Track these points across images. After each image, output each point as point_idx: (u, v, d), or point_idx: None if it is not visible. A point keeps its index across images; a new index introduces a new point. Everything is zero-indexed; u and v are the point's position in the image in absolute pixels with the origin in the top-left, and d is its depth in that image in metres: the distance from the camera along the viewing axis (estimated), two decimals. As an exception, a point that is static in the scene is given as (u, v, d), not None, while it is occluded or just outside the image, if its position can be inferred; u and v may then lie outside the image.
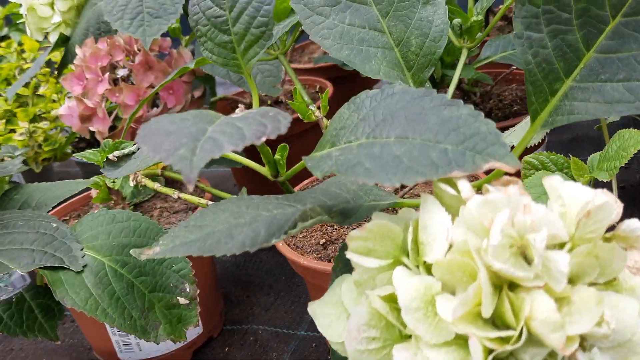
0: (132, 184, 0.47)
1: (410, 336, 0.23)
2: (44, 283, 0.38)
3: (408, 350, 0.22)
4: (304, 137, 0.62)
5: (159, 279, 0.41)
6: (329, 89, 0.74)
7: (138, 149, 0.40)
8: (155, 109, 0.54)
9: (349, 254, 0.24)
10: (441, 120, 0.24)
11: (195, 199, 0.45)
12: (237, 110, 0.25)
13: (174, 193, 0.46)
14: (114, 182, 0.48)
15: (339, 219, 0.27)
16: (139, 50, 0.54)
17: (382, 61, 0.30)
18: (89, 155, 0.48)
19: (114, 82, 0.54)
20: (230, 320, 0.58)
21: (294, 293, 0.60)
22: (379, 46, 0.31)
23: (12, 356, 0.61)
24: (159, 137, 0.21)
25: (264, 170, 0.34)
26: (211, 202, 0.45)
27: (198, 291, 0.41)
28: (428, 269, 0.22)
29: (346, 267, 0.34)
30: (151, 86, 0.54)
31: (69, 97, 0.56)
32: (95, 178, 0.50)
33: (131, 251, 0.28)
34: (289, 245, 0.44)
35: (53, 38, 0.62)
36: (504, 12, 0.45)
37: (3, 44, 0.88)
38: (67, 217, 0.56)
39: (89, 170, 0.84)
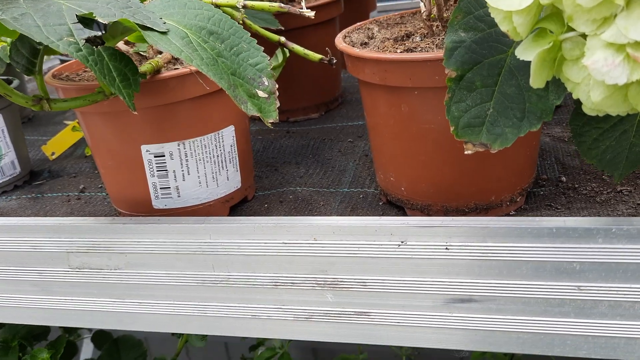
0: None
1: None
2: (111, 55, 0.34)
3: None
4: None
5: (237, 67, 0.38)
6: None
7: None
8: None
9: None
10: None
11: (264, 4, 0.42)
12: None
13: (237, 2, 0.43)
14: None
15: None
16: None
17: None
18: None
19: None
20: (261, 188, 0.55)
21: (327, 165, 0.58)
22: None
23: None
24: None
25: None
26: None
27: (277, 86, 0.39)
28: None
29: (466, 16, 0.33)
30: None
31: None
32: None
33: None
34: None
35: None
36: None
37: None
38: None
39: None
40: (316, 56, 0.50)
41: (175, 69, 0.45)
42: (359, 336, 0.40)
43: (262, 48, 0.39)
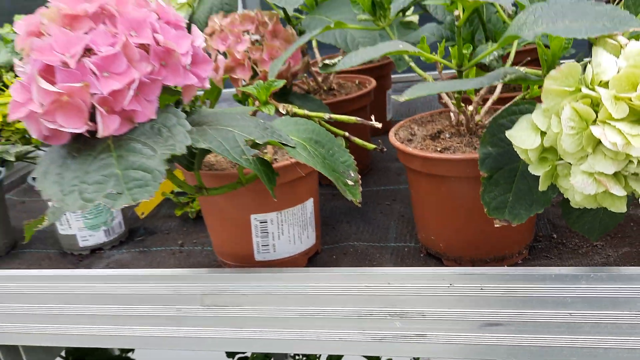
0: (283, 111, 0.62)
1: (592, 123, 0.40)
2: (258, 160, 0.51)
3: (599, 127, 0.39)
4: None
5: (334, 165, 0.55)
6: (373, 83, 0.92)
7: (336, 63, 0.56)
8: (283, 65, 0.69)
9: (548, 81, 0.41)
10: (596, 10, 0.42)
11: (345, 117, 0.60)
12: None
13: (325, 115, 0.61)
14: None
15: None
16: (269, 21, 0.69)
17: None
18: (252, 89, 0.62)
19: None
20: (325, 243, 0.72)
21: (373, 224, 0.75)
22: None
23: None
24: None
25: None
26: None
27: (360, 177, 0.56)
28: (604, 85, 0.40)
29: (493, 137, 0.51)
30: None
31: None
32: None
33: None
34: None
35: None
36: None
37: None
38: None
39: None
40: (371, 146, 0.67)
41: (275, 159, 0.63)
42: (418, 352, 0.57)
43: (349, 150, 0.57)
